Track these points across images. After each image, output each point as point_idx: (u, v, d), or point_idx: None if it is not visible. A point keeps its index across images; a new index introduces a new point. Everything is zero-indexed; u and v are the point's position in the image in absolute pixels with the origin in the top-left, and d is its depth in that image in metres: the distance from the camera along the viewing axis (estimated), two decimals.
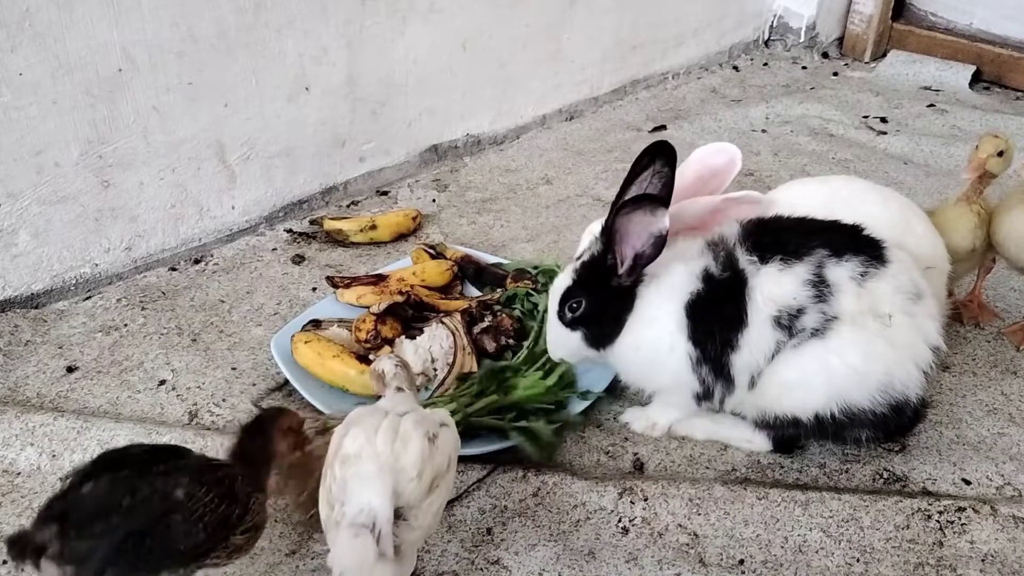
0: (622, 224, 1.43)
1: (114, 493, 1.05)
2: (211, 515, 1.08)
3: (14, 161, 1.79)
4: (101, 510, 1.04)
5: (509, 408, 1.59)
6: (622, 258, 1.47)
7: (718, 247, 1.49)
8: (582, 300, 1.52)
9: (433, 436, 1.16)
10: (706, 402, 1.54)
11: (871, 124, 2.95)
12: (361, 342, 1.75)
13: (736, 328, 1.46)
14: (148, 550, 1.04)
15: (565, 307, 1.53)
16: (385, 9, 2.28)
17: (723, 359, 1.48)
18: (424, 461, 1.13)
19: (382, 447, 1.12)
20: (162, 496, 1.06)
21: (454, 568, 1.37)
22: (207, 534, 1.08)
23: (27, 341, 1.82)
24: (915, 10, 3.55)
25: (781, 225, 1.53)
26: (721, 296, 1.46)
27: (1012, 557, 1.41)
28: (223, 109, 2.06)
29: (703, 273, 1.48)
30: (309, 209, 2.34)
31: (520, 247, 2.21)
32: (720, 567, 1.38)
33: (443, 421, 1.22)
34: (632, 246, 1.45)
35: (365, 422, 1.16)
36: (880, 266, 1.46)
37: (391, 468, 1.10)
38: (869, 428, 1.50)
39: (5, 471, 1.51)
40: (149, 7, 1.86)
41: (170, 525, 1.05)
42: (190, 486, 1.08)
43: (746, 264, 1.46)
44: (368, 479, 1.09)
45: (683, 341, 1.48)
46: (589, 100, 2.99)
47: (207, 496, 1.09)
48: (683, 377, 1.51)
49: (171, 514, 1.06)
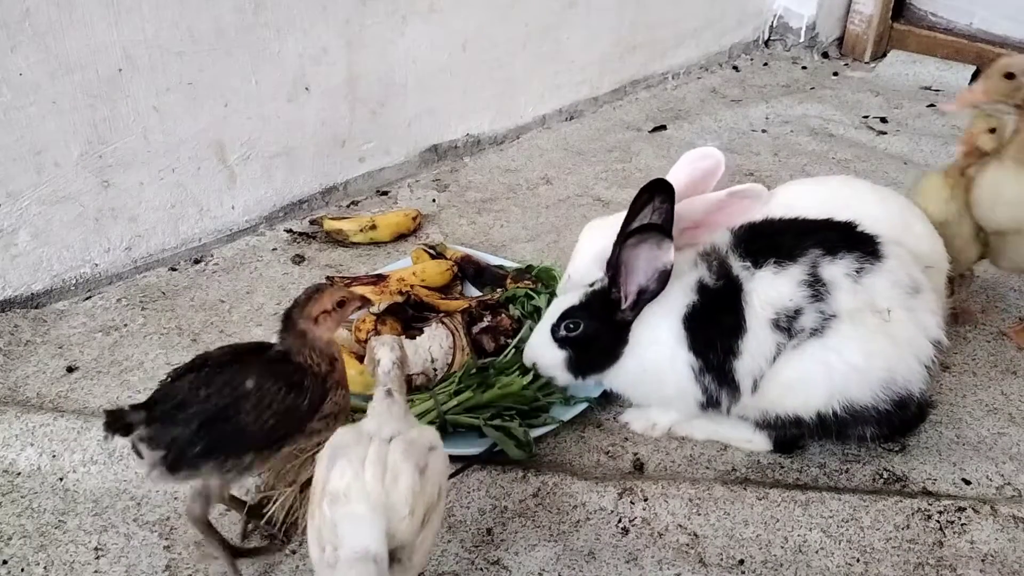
0: (628, 256, 1.44)
1: (195, 386, 1.19)
2: (279, 404, 1.20)
3: (14, 161, 1.79)
4: (183, 400, 1.17)
5: (486, 406, 1.59)
6: (626, 293, 1.48)
7: (710, 257, 1.50)
8: (580, 323, 1.53)
9: (423, 467, 1.11)
10: (712, 409, 1.55)
11: (871, 124, 2.95)
12: (361, 342, 1.75)
13: (736, 335, 1.46)
14: (222, 433, 1.17)
15: (562, 324, 1.54)
16: (385, 9, 2.28)
17: (726, 367, 1.48)
18: (416, 496, 1.08)
19: (372, 484, 1.07)
20: (233, 387, 1.19)
21: (454, 568, 1.37)
22: (276, 420, 1.20)
23: (27, 341, 1.82)
24: (915, 10, 3.55)
25: (773, 228, 1.54)
26: (718, 305, 1.47)
27: (1012, 557, 1.41)
28: (223, 109, 2.06)
29: (697, 285, 1.49)
30: (309, 209, 2.34)
31: (520, 247, 2.21)
32: (720, 567, 1.38)
33: (431, 444, 1.16)
34: (637, 281, 1.46)
35: (351, 454, 1.10)
36: (876, 262, 1.46)
37: (383, 507, 1.06)
38: (873, 425, 1.50)
39: (5, 471, 1.52)
40: (149, 7, 1.86)
41: (240, 412, 1.18)
42: (260, 378, 1.20)
43: (740, 270, 1.47)
44: (360, 522, 1.05)
45: (683, 353, 1.49)
46: (589, 100, 2.99)
47: (275, 387, 1.20)
48: (686, 388, 1.52)
49: (241, 402, 1.18)
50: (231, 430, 1.17)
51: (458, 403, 1.58)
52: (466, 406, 1.59)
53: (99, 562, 1.37)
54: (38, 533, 1.41)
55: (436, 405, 1.56)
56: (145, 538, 1.40)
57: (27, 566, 1.36)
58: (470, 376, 1.64)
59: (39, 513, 1.45)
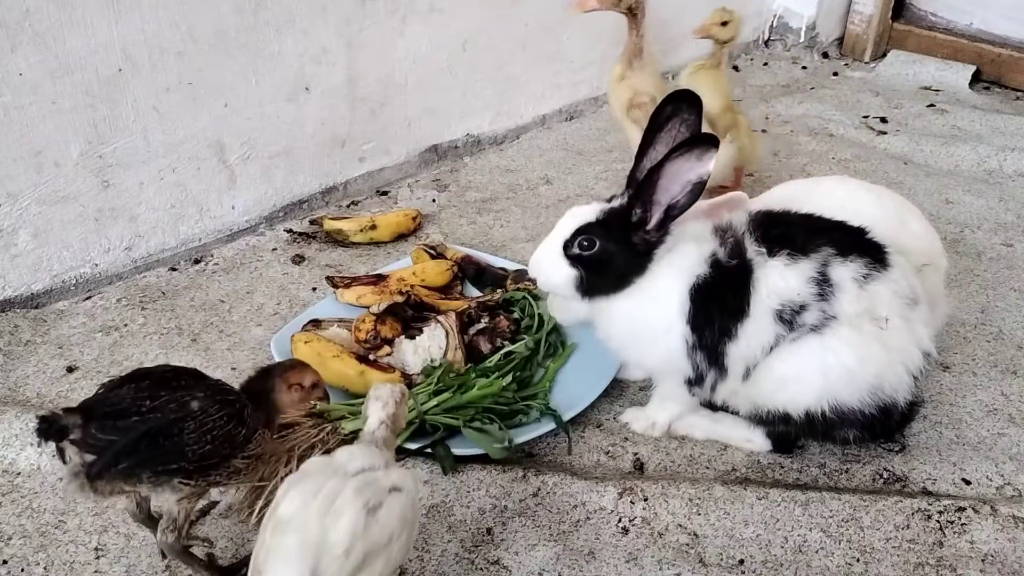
0: (670, 170, 1.36)
1: (137, 398, 1.17)
2: (219, 430, 1.19)
3: (14, 161, 1.79)
4: (123, 410, 1.16)
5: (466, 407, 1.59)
6: (652, 211, 1.41)
7: (727, 233, 1.47)
8: (596, 241, 1.43)
9: (375, 507, 1.08)
10: (696, 388, 1.53)
11: (871, 124, 2.95)
12: (361, 342, 1.75)
13: (736, 318, 1.45)
14: (160, 449, 1.16)
15: (576, 240, 1.44)
16: (385, 9, 2.28)
17: (719, 347, 1.47)
18: (355, 538, 1.06)
19: (312, 519, 1.06)
20: (179, 405, 1.18)
21: (454, 568, 1.37)
22: (213, 446, 1.19)
23: (27, 341, 1.82)
24: (915, 10, 3.55)
25: (790, 219, 1.52)
26: (726, 284, 1.45)
27: (1012, 557, 1.41)
28: (223, 109, 2.06)
29: (711, 258, 1.45)
30: (309, 209, 2.34)
31: (520, 247, 2.21)
32: (720, 567, 1.38)
33: (395, 485, 1.13)
34: (670, 194, 1.39)
35: (309, 483, 1.10)
36: (882, 270, 1.46)
37: (315, 544, 1.05)
38: (857, 428, 1.50)
39: (5, 471, 1.52)
40: (149, 7, 1.86)
41: (182, 430, 1.17)
42: (205, 401, 1.20)
43: (754, 255, 1.45)
44: (287, 555, 1.05)
45: (681, 324, 1.46)
46: (589, 100, 2.99)
47: (218, 412, 1.20)
48: (676, 360, 1.49)
49: (185, 421, 1.17)
50: (171, 447, 1.16)
51: (437, 403, 1.58)
52: (445, 407, 1.58)
53: (99, 562, 1.37)
54: (38, 533, 1.41)
55: (416, 405, 1.56)
56: (145, 538, 1.40)
57: (27, 566, 1.36)
58: (450, 377, 1.63)
59: (39, 513, 1.45)
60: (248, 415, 1.24)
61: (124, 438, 1.14)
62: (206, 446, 1.18)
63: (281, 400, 1.32)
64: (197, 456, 1.18)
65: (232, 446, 1.22)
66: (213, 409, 1.20)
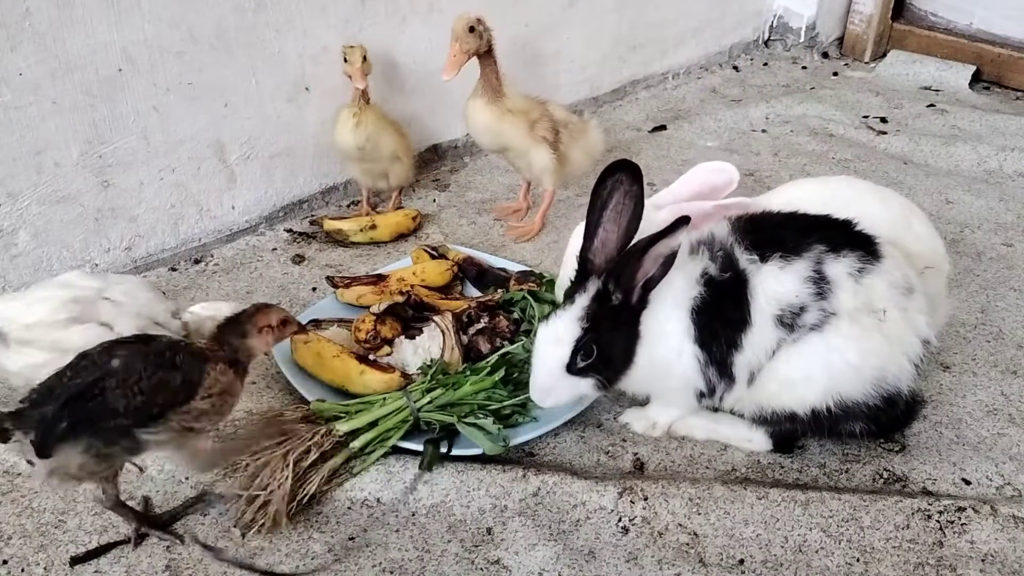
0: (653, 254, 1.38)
1: (60, 374, 1.25)
2: (146, 381, 1.24)
3: (14, 161, 1.79)
4: (51, 386, 1.24)
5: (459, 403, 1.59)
6: (631, 288, 1.42)
7: (713, 247, 1.48)
8: (593, 346, 1.43)
9: None
10: (707, 400, 1.54)
11: (871, 124, 2.95)
12: (361, 342, 1.75)
13: (740, 329, 1.45)
14: (86, 410, 1.21)
15: (577, 357, 1.43)
16: (385, 9, 2.28)
17: (727, 359, 1.47)
18: None
19: None
20: (98, 367, 1.24)
21: (454, 568, 1.37)
22: (146, 396, 1.24)
23: None
24: (915, 10, 3.55)
25: (774, 221, 1.52)
26: (723, 298, 1.45)
27: (1012, 557, 1.41)
28: (223, 109, 2.06)
29: (703, 276, 1.46)
30: (309, 209, 2.34)
31: (520, 247, 2.21)
32: (720, 567, 1.38)
33: None
34: (644, 272, 1.41)
35: None
36: (875, 262, 1.46)
37: None
38: (862, 421, 1.50)
39: (5, 472, 1.52)
40: (149, 7, 1.86)
41: (104, 388, 1.22)
42: (127, 358, 1.25)
43: (746, 264, 1.45)
44: None
45: (690, 346, 1.47)
46: (589, 100, 2.99)
47: (141, 365, 1.25)
48: (691, 380, 1.50)
49: (104, 379, 1.23)
50: (96, 407, 1.21)
51: (430, 400, 1.58)
52: (439, 403, 1.58)
53: (99, 562, 1.37)
54: (38, 533, 1.41)
55: (409, 403, 1.56)
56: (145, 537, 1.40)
57: (27, 566, 1.36)
58: (442, 376, 1.63)
59: (39, 513, 1.45)
60: (181, 361, 1.28)
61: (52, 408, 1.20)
62: (136, 397, 1.23)
63: (255, 345, 1.39)
64: (133, 408, 1.23)
65: (170, 393, 1.26)
66: (137, 364, 1.24)
